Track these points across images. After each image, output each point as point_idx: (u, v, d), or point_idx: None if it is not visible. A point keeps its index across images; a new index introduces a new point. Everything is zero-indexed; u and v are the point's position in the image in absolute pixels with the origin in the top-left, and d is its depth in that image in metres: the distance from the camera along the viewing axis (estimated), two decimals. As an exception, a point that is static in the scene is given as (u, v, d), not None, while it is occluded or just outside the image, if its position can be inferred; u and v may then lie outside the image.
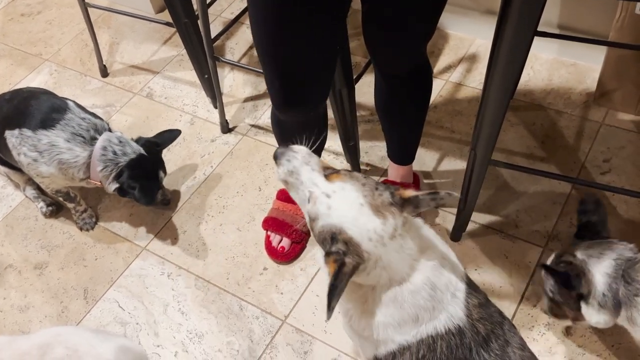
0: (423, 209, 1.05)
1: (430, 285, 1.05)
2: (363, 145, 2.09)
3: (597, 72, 2.11)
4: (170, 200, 2.01)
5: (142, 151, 1.79)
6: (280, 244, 1.83)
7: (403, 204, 1.03)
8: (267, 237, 1.86)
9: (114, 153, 1.73)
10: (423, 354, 1.07)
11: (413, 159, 1.84)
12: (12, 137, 1.75)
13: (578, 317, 1.38)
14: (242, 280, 1.81)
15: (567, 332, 1.58)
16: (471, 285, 1.14)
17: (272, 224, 1.85)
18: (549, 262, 1.44)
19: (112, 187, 1.76)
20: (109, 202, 2.07)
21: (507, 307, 1.64)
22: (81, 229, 1.99)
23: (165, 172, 1.87)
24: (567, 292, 1.36)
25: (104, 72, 2.53)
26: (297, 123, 1.57)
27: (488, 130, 1.57)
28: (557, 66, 2.27)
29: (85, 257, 1.92)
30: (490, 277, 1.71)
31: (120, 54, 2.63)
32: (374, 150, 2.10)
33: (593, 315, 1.32)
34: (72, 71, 2.58)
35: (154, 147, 1.84)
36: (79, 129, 1.74)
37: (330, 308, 0.96)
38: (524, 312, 1.63)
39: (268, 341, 1.66)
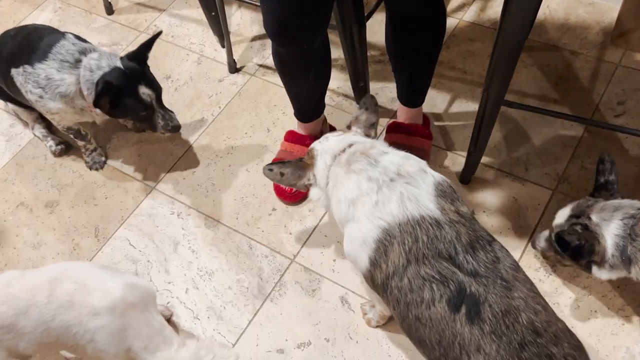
0: (363, 116, 1.43)
1: (350, 142, 1.33)
2: (373, 86, 2.06)
3: (616, 11, 2.05)
4: (178, 127, 1.80)
5: (119, 64, 1.69)
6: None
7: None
8: None
9: (90, 70, 1.66)
10: (409, 246, 1.14)
11: (423, 101, 1.81)
12: (18, 75, 1.73)
13: (584, 270, 1.40)
14: (251, 220, 1.82)
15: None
16: (448, 193, 1.21)
17: None
18: (563, 216, 1.42)
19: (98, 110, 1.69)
20: (117, 142, 2.07)
21: (514, 249, 1.65)
22: (90, 168, 2.00)
23: (154, 89, 1.73)
24: (578, 261, 1.37)
25: (109, 10, 2.48)
26: (295, 57, 1.58)
27: (502, 71, 1.53)
28: (575, 5, 2.20)
29: (95, 196, 1.94)
30: (498, 219, 1.71)
31: (125, -10, 2.57)
32: (384, 92, 2.07)
33: (604, 274, 1.34)
34: (76, 8, 2.53)
35: (134, 59, 1.73)
36: (66, 55, 1.68)
37: (267, 166, 1.40)
38: (531, 254, 1.64)
39: (277, 279, 1.69)
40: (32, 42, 1.73)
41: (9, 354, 1.32)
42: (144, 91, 1.70)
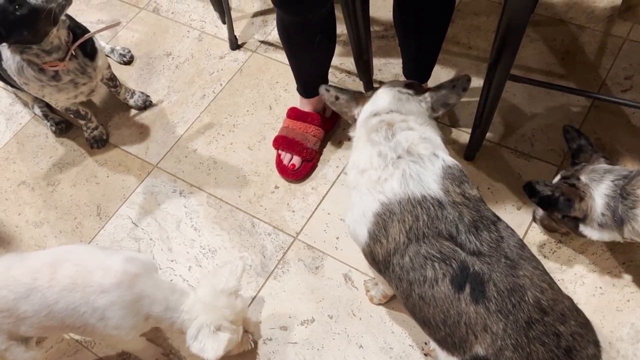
0: (443, 91, 1.35)
1: (396, 108, 1.29)
2: (376, 62, 2.03)
3: (624, -16, 2.00)
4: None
5: None
6: (291, 162, 1.82)
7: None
8: (278, 155, 1.85)
9: None
10: (410, 225, 1.13)
11: (429, 77, 1.78)
12: (7, 69, 1.70)
13: (571, 232, 1.43)
14: (253, 198, 1.81)
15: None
16: (456, 176, 1.19)
17: (282, 142, 1.84)
18: (554, 180, 1.45)
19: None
20: (119, 120, 2.05)
21: (518, 225, 1.64)
22: (92, 147, 1.98)
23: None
24: (553, 214, 1.39)
25: (108, -14, 2.45)
26: (300, 27, 1.56)
27: (507, 46, 1.50)
28: (582, -22, 2.16)
29: (96, 175, 1.93)
30: (503, 195, 1.70)
31: (124, -34, 2.53)
32: (387, 68, 2.04)
33: (594, 234, 1.36)
34: (75, -15, 2.50)
35: None
36: None
37: (325, 86, 1.41)
38: (536, 230, 1.63)
39: (280, 257, 1.68)
40: None
41: (9, 337, 1.33)
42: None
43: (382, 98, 1.34)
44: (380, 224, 1.16)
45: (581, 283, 1.53)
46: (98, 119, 2.01)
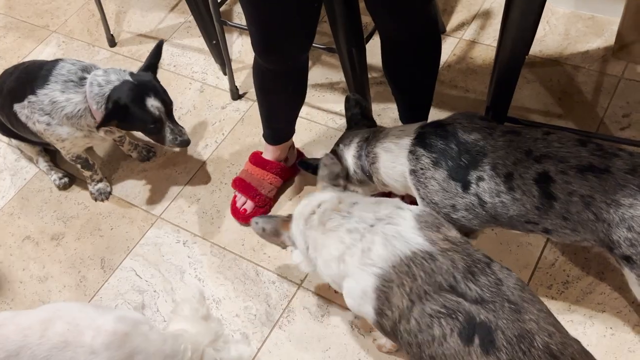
0: (325, 172, 1.43)
1: (318, 201, 1.31)
2: (375, 107, 2.06)
3: (615, 24, 2.04)
4: (187, 142, 1.74)
5: (128, 77, 1.67)
6: (244, 206, 1.85)
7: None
8: (234, 196, 1.89)
9: (99, 85, 1.64)
10: (409, 286, 1.11)
11: (426, 119, 1.80)
12: (22, 109, 1.74)
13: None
14: (257, 246, 1.81)
15: None
16: (430, 221, 1.18)
17: (239, 185, 1.88)
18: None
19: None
20: (122, 172, 2.07)
21: (524, 267, 1.62)
22: (96, 200, 2.00)
23: (163, 102, 1.69)
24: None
25: (112, 42, 2.51)
26: (277, 75, 1.61)
27: (503, 88, 1.53)
28: (574, 20, 2.20)
29: (100, 227, 1.93)
30: (507, 237, 1.69)
31: (127, 23, 2.60)
32: (386, 113, 2.06)
33: (358, 189, 1.58)
34: (79, 42, 2.56)
35: (146, 70, 1.73)
36: (68, 75, 1.68)
37: (255, 219, 1.42)
38: (542, 271, 1.62)
39: (285, 305, 1.67)
40: (30, 73, 1.74)
41: None
42: (153, 104, 1.65)
43: (299, 206, 1.37)
44: (383, 297, 1.13)
45: (591, 324, 1.51)
46: (102, 172, 2.03)
